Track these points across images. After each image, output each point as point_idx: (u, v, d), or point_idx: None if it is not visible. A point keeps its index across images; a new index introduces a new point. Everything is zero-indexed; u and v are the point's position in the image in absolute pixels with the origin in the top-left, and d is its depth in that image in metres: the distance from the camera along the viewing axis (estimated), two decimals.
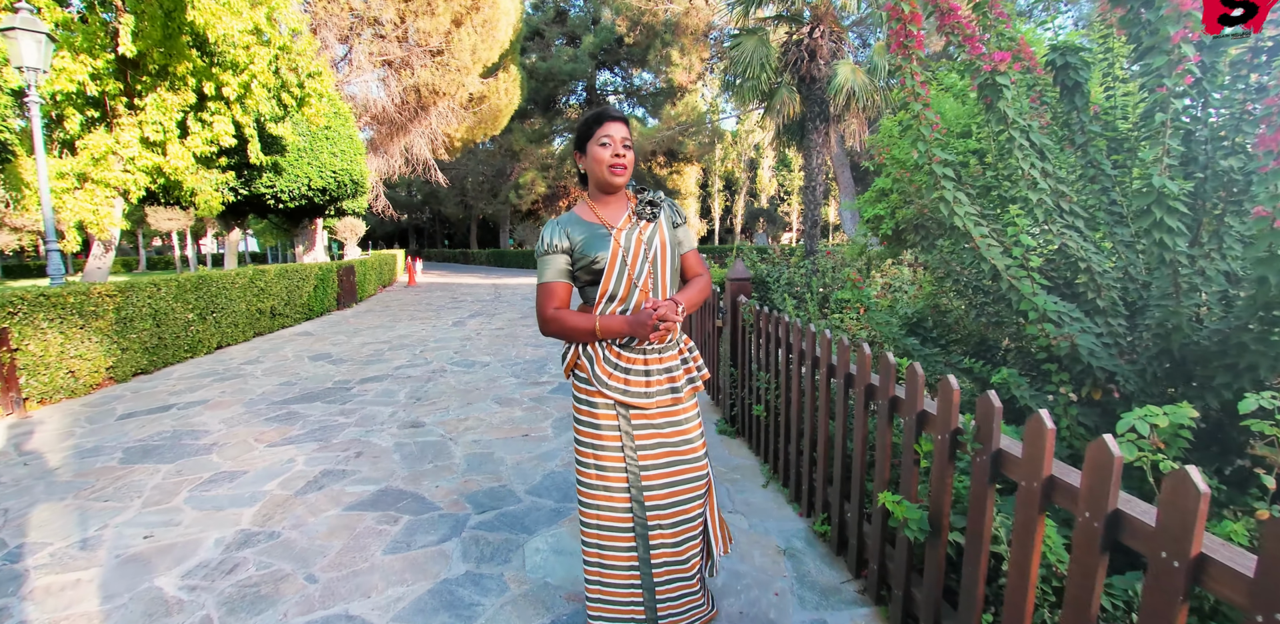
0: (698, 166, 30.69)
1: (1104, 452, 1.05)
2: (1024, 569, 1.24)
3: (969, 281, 2.29)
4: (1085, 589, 1.10)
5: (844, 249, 8.22)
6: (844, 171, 17.29)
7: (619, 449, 1.57)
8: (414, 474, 3.12)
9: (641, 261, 1.56)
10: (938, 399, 1.50)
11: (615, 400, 1.55)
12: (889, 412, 1.77)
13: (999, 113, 1.73)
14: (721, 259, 16.89)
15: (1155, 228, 1.47)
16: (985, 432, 1.34)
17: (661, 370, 1.58)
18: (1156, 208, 1.46)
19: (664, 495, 1.62)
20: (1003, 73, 1.70)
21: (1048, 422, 1.18)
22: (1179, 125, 1.42)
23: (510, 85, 16.54)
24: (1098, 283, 1.86)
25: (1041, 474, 1.19)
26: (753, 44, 8.12)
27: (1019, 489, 1.25)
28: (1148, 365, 1.80)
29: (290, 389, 5.02)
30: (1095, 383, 1.87)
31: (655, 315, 1.45)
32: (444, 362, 6.12)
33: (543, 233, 1.58)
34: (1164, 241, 1.49)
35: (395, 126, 15.10)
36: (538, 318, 1.57)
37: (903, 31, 1.86)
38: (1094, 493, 1.07)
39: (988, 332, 2.83)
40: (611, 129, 1.53)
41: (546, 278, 1.55)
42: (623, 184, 1.59)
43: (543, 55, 25.13)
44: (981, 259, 1.82)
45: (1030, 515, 1.22)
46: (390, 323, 9.32)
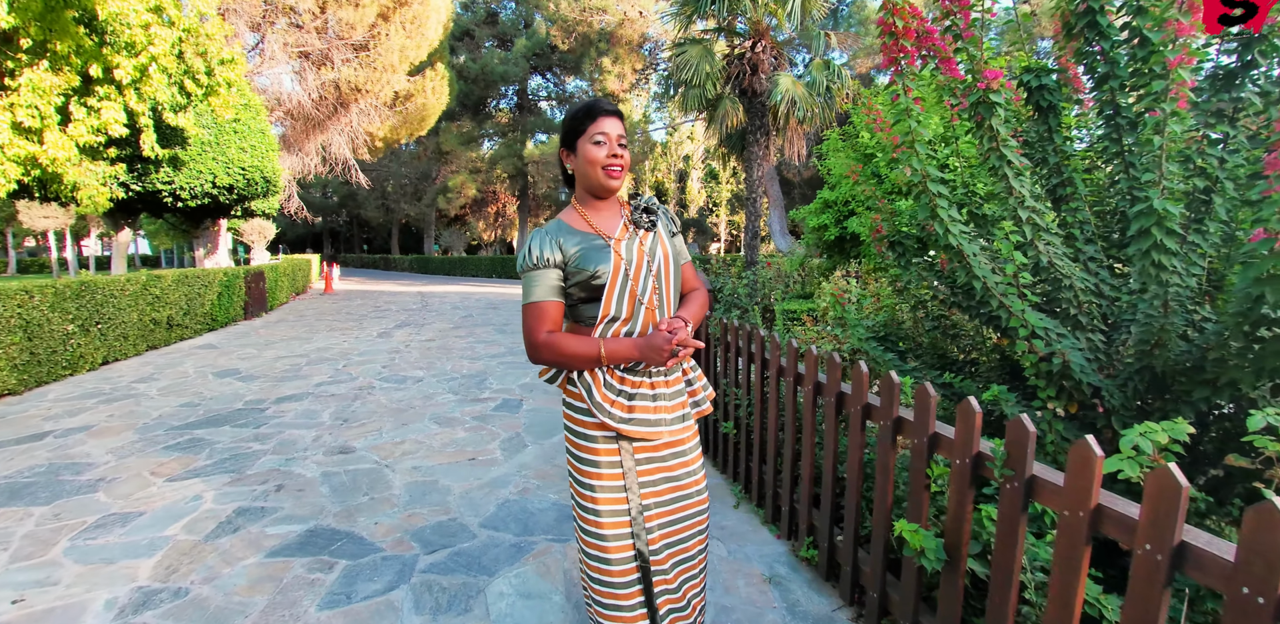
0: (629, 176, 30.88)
1: (1168, 477, 0.99)
2: (1069, 601, 1.17)
3: (945, 298, 2.29)
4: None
5: (781, 260, 8.39)
6: (773, 184, 17.87)
7: (620, 489, 1.39)
8: (348, 509, 2.76)
9: (645, 276, 1.39)
10: (957, 423, 1.43)
11: (619, 432, 1.37)
12: (892, 434, 1.69)
13: (990, 131, 1.71)
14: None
15: (1155, 249, 1.48)
16: (1017, 458, 1.28)
17: (670, 394, 1.42)
18: (1156, 230, 1.47)
19: (663, 536, 1.45)
20: (996, 91, 1.68)
21: (1096, 449, 1.12)
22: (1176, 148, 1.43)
23: (439, 84, 15.85)
24: (1080, 299, 1.88)
25: (1089, 504, 1.13)
26: (697, 53, 8.19)
27: (1061, 519, 1.18)
28: (1129, 380, 1.83)
29: (193, 411, 4.42)
30: (1074, 398, 1.88)
31: (676, 339, 1.29)
32: (371, 377, 5.65)
33: (529, 244, 1.37)
34: (1161, 262, 1.51)
35: (312, 123, 14.05)
36: (527, 344, 1.35)
37: (896, 47, 1.81)
38: (1157, 522, 1.01)
39: (946, 344, 2.88)
40: (606, 125, 1.35)
41: (536, 297, 1.34)
42: (619, 187, 1.42)
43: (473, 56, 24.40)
44: (974, 277, 1.79)
45: (1076, 547, 1.15)
46: (307, 334, 8.58)
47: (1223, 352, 1.64)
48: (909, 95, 1.80)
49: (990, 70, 1.66)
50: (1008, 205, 1.77)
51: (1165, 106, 1.39)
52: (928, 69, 1.92)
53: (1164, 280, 1.54)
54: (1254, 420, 1.36)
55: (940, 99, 1.92)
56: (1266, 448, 1.39)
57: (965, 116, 1.79)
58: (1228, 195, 1.70)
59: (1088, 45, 1.89)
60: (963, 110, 1.77)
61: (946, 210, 1.70)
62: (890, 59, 1.87)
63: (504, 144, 26.75)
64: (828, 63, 8.61)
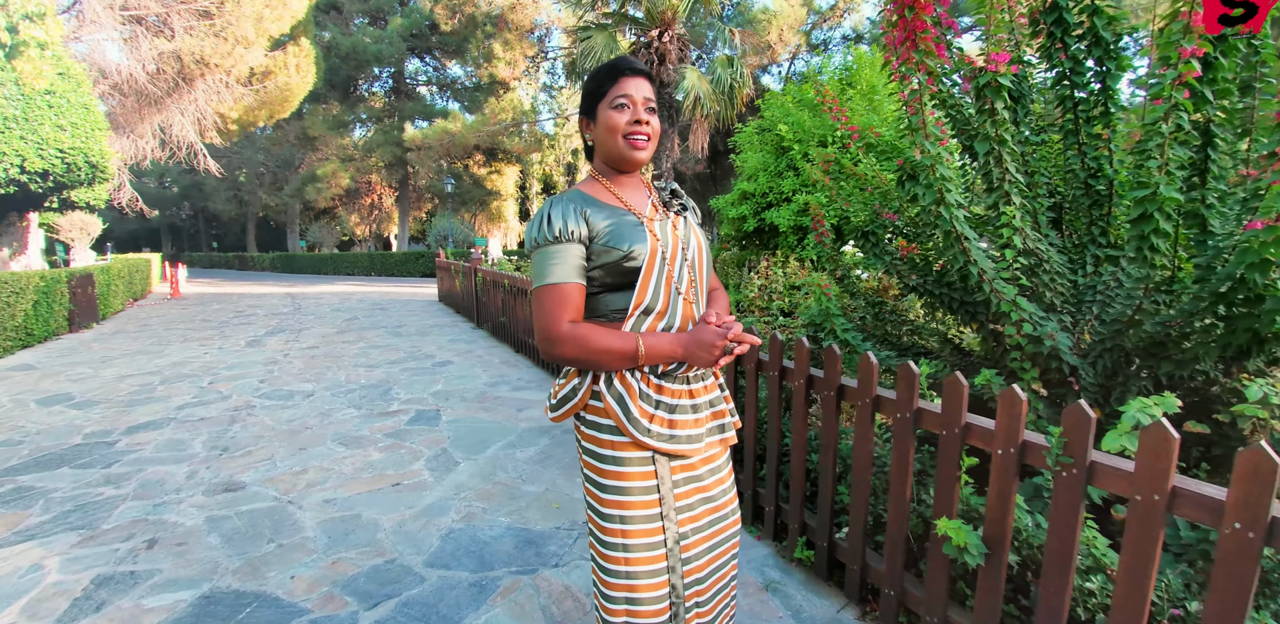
0: (516, 168, 29.82)
1: (1262, 457, 0.96)
2: (1142, 590, 1.13)
3: (917, 285, 2.28)
4: (1234, 609, 1.01)
5: None
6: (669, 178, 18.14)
7: (655, 518, 1.16)
8: (250, 563, 2.26)
9: (680, 264, 1.17)
10: (999, 413, 1.37)
11: (657, 451, 1.14)
12: (912, 426, 1.62)
13: (996, 116, 1.68)
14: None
15: (1155, 234, 1.52)
16: (1077, 444, 1.23)
17: (707, 403, 1.21)
18: (1157, 214, 1.50)
19: (702, 566, 1.25)
20: (1003, 74, 1.64)
21: (1172, 432, 1.08)
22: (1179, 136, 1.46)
23: (303, 62, 14.10)
24: (1055, 283, 1.93)
25: (1165, 486, 1.09)
26: (602, 40, 7.91)
27: (1132, 504, 1.14)
28: (1099, 359, 1.91)
29: (13, 452, 3.49)
30: (1053, 378, 1.94)
31: (731, 334, 1.08)
32: (248, 394, 4.85)
33: (547, 212, 1.11)
34: (1155, 245, 1.55)
35: (147, 100, 11.84)
36: (544, 337, 1.09)
37: (915, 22, 1.70)
38: (1248, 502, 0.98)
39: (888, 329, 2.94)
40: (630, 86, 1.13)
41: (556, 277, 1.08)
42: (646, 160, 1.19)
43: (343, 31, 22.11)
44: (971, 262, 1.76)
45: (1151, 534, 1.12)
46: (156, 347, 7.27)
47: (1188, 329, 1.73)
48: (923, 73, 1.70)
49: (997, 54, 1.62)
50: (1001, 191, 1.75)
51: (1175, 95, 1.41)
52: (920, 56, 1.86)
53: (1155, 262, 1.58)
54: (1252, 391, 1.42)
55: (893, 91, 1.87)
56: (1256, 415, 1.47)
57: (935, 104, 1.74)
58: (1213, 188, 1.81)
59: (1051, 41, 1.92)
60: (965, 93, 1.72)
61: (953, 194, 1.65)
62: (906, 34, 1.77)
63: (380, 130, 24.61)
64: (731, 59, 8.75)
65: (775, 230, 5.63)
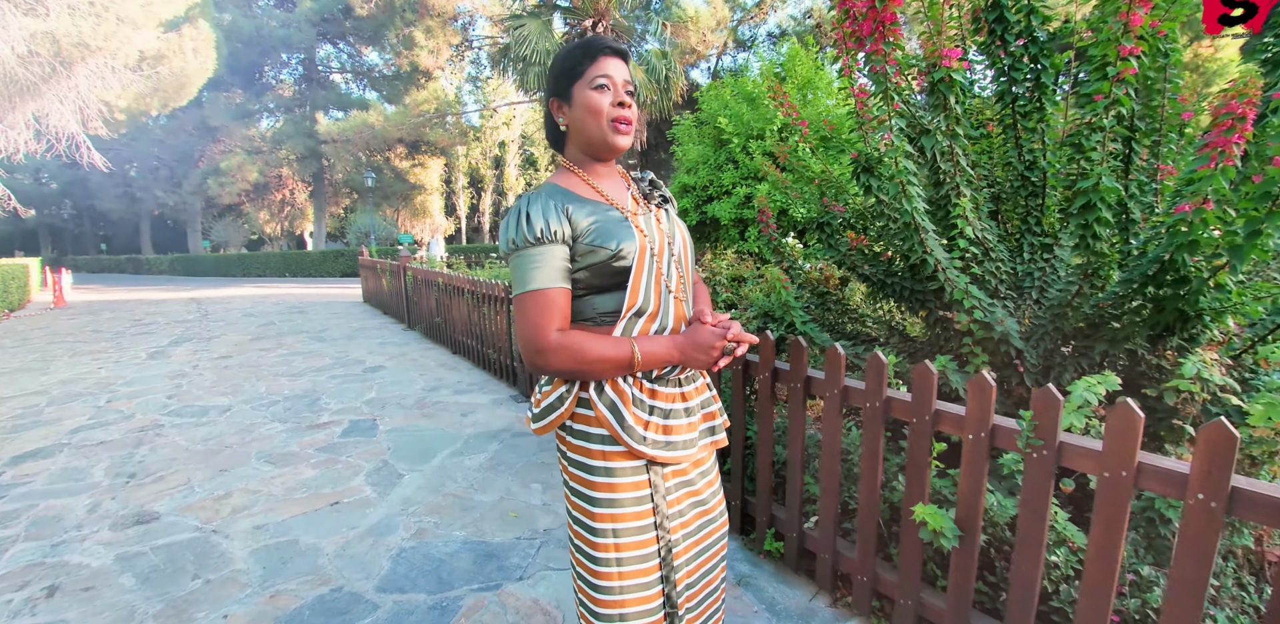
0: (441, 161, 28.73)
1: (1222, 431, 1.01)
2: (1111, 561, 1.18)
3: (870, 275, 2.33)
4: (1199, 576, 1.07)
5: None
6: None
7: (649, 528, 1.10)
8: (174, 604, 2.02)
9: (669, 260, 1.10)
10: (970, 399, 1.40)
11: (650, 459, 1.07)
12: (882, 415, 1.63)
13: (949, 111, 1.71)
14: (479, 259, 16.01)
15: (1097, 222, 1.59)
16: (1047, 427, 1.26)
17: (699, 405, 1.16)
18: (1100, 204, 1.57)
19: (693, 571, 1.20)
20: (956, 70, 1.68)
21: (1138, 412, 1.13)
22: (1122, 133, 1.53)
23: (200, 45, 12.84)
24: (999, 270, 2.01)
25: (1132, 463, 1.14)
26: (536, 29, 7.65)
27: (1101, 481, 1.19)
28: (1040, 341, 2.01)
29: None
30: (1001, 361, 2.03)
31: (731, 334, 1.03)
32: (154, 412, 4.38)
33: (524, 210, 1.01)
34: (1097, 232, 1.63)
35: (19, 87, 10.35)
36: (531, 348, 1.00)
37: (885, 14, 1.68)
38: (1210, 474, 1.04)
39: (834, 318, 3.01)
40: (609, 66, 1.05)
41: (539, 282, 0.99)
42: (628, 146, 1.11)
43: (245, 13, 20.40)
44: (929, 253, 1.80)
45: (1120, 509, 1.16)
46: (41, 363, 6.46)
47: (1119, 311, 1.85)
48: (891, 65, 1.70)
49: (950, 50, 1.65)
50: (953, 184, 1.80)
51: (1115, 90, 1.48)
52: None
53: (1097, 249, 1.67)
54: (1187, 368, 1.52)
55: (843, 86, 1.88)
56: (1189, 390, 1.58)
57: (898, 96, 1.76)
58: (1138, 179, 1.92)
59: (992, 38, 1.98)
60: (905, 94, 1.74)
61: (914, 187, 1.67)
62: (870, 30, 1.77)
63: (290, 121, 22.95)
64: (665, 52, 8.71)
65: (716, 224, 5.68)
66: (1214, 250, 1.45)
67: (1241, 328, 1.74)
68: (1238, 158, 1.25)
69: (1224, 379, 1.48)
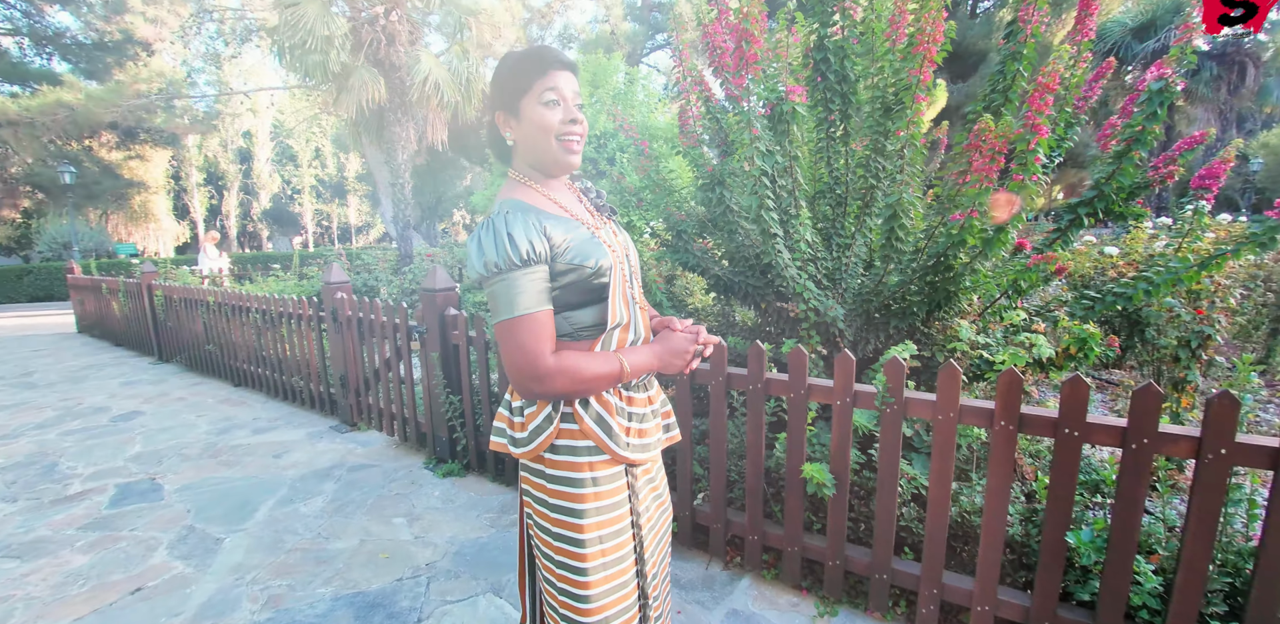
0: (169, 153, 23.44)
1: (1013, 375, 1.44)
2: (946, 485, 1.58)
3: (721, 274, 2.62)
4: (1004, 484, 1.50)
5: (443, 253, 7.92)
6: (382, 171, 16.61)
7: (626, 529, 1.15)
8: None
9: (629, 272, 1.15)
10: (836, 373, 1.71)
11: (629, 463, 1.12)
12: (763, 395, 1.89)
13: (791, 136, 2.02)
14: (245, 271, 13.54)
15: (901, 228, 2.05)
16: (896, 388, 1.62)
17: (661, 405, 1.23)
18: (901, 213, 2.03)
19: (657, 560, 1.29)
20: (798, 102, 1.99)
21: (959, 369, 1.52)
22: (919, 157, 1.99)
23: None
24: (824, 268, 2.44)
25: (956, 406, 1.54)
26: (315, 10, 6.58)
27: (936, 423, 1.57)
28: (852, 321, 2.50)
29: None
30: (829, 340, 2.48)
31: (702, 339, 1.12)
32: None
33: (507, 232, 0.97)
34: (899, 235, 2.09)
35: None
36: (528, 374, 0.97)
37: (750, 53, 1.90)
38: (1007, 407, 1.46)
39: (675, 312, 3.33)
40: (559, 80, 1.05)
41: (528, 306, 0.97)
42: (579, 163, 1.13)
43: None
44: (778, 255, 2.12)
45: (949, 442, 1.56)
46: None
47: (906, 294, 2.39)
48: (755, 96, 1.93)
49: (793, 86, 1.95)
50: (793, 198, 2.13)
51: (914, 130, 1.92)
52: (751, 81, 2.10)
53: (897, 247, 2.14)
54: (964, 332, 2.05)
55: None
56: (963, 350, 2.13)
57: (763, 124, 2.04)
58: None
59: (815, 73, 2.37)
60: (764, 118, 2.02)
61: (770, 200, 1.95)
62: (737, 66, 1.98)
63: None
64: (466, 50, 8.25)
65: None
66: (971, 246, 1.99)
67: (982, 302, 2.39)
68: (995, 181, 1.75)
69: (983, 339, 2.05)
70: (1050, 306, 2.44)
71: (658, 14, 20.41)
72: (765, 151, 1.91)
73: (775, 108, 1.97)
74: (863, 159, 2.37)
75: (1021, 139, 1.68)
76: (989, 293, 2.14)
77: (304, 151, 36.62)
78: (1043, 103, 1.63)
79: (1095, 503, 1.93)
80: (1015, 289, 2.20)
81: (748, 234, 2.33)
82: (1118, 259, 3.32)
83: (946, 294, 2.18)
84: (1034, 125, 1.65)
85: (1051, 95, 1.65)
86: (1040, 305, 2.54)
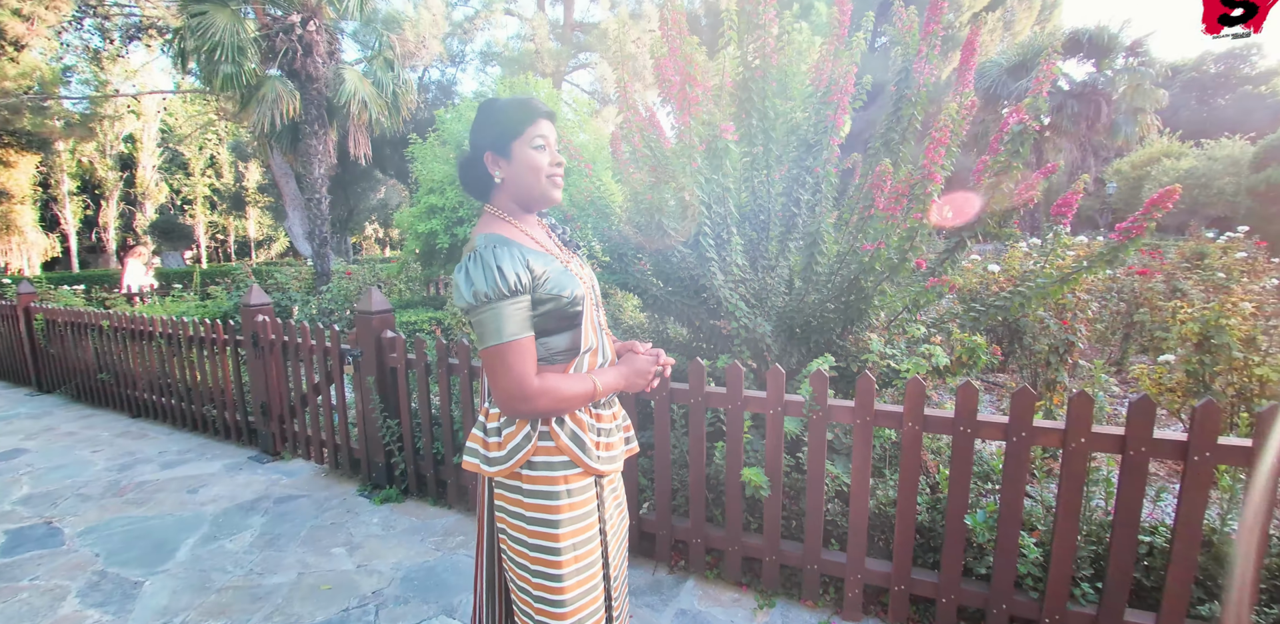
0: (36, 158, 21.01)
1: (919, 384, 1.68)
2: (866, 480, 1.79)
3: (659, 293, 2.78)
4: (913, 477, 1.73)
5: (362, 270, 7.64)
6: (288, 181, 15.78)
7: (595, 537, 1.25)
8: None
9: (596, 302, 1.27)
10: (769, 386, 1.90)
11: (599, 474, 1.23)
12: (703, 408, 2.05)
13: (724, 169, 2.22)
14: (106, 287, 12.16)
15: (820, 255, 2.29)
16: (820, 396, 1.82)
17: (622, 420, 1.35)
18: (820, 241, 2.27)
19: (618, 562, 1.39)
20: (731, 139, 2.19)
21: (873, 379, 1.74)
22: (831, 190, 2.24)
23: None
24: (752, 288, 2.66)
25: (872, 411, 1.76)
26: (225, 19, 6.17)
27: (855, 427, 1.78)
28: (777, 337, 2.73)
29: None
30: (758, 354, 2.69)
31: (661, 360, 1.25)
32: None
33: (492, 264, 1.06)
34: (818, 260, 2.34)
35: None
36: (515, 395, 1.07)
37: (692, 96, 2.08)
38: (914, 410, 1.70)
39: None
40: (545, 127, 1.18)
41: (514, 333, 1.06)
42: (561, 198, 1.24)
43: None
44: (713, 276, 2.31)
45: (868, 443, 1.77)
46: None
47: (824, 312, 2.65)
48: (696, 134, 2.10)
49: (725, 125, 2.15)
50: (727, 225, 2.33)
51: (829, 168, 2.16)
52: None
53: (816, 271, 2.38)
54: (875, 344, 2.31)
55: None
56: (873, 360, 2.39)
57: (702, 157, 2.23)
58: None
59: (741, 110, 2.60)
60: (702, 152, 2.21)
61: (707, 225, 2.13)
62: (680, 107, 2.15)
63: None
64: (390, 63, 8.01)
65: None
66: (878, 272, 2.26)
67: (888, 317, 2.69)
68: (900, 218, 2.01)
69: (890, 350, 2.32)
70: (944, 319, 2.78)
71: (580, 34, 20.77)
72: (704, 182, 2.09)
73: (710, 144, 2.17)
74: (783, 189, 2.62)
75: (920, 184, 1.96)
76: (894, 309, 2.42)
77: (197, 159, 33.92)
78: (936, 154, 1.91)
79: (987, 490, 2.22)
80: (915, 305, 2.50)
81: (683, 257, 2.51)
82: (999, 275, 3.79)
83: (859, 311, 2.44)
84: (930, 174, 1.92)
85: (944, 147, 1.94)
86: (936, 318, 2.88)
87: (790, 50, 2.55)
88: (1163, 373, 3.26)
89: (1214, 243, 5.99)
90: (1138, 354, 5.13)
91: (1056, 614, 1.69)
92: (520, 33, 19.83)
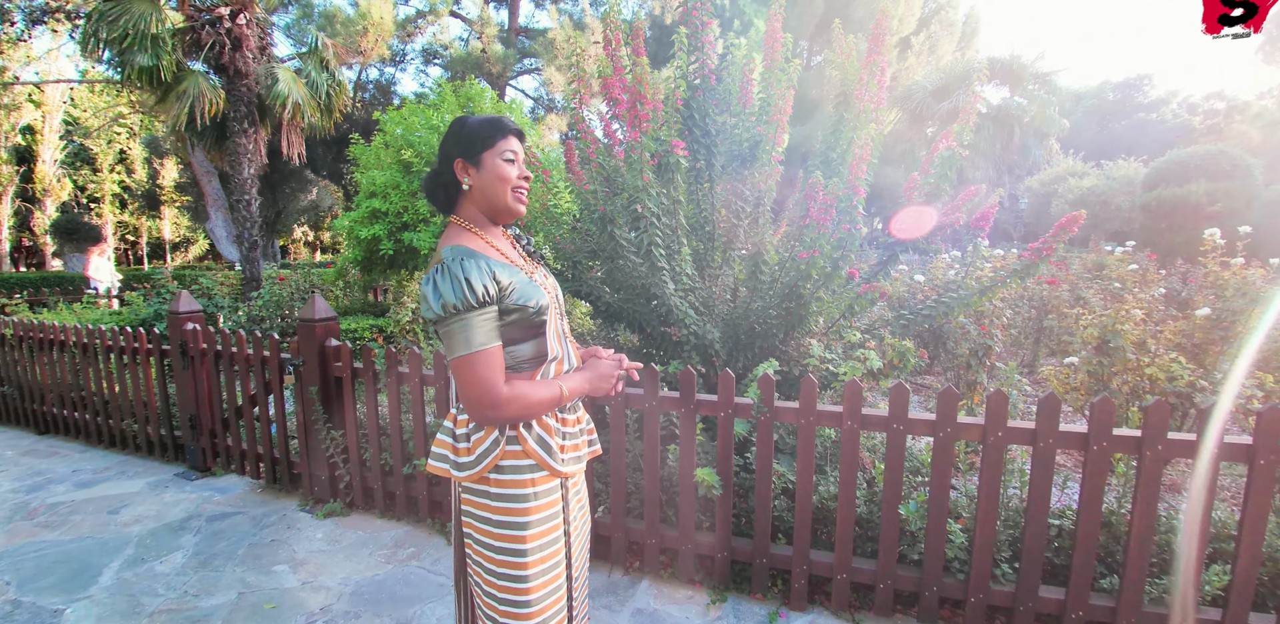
0: None
1: (855, 385, 1.81)
2: (810, 480, 1.91)
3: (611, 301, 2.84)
4: (851, 475, 1.86)
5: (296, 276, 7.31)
6: (211, 181, 14.94)
7: (559, 538, 1.29)
8: None
9: (560, 311, 1.32)
10: (720, 389, 1.99)
11: (564, 477, 1.27)
12: (658, 411, 2.12)
13: (674, 183, 2.31)
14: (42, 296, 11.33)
15: (763, 264, 2.42)
16: (768, 399, 1.93)
17: (586, 423, 1.40)
18: (763, 250, 2.40)
19: (579, 563, 1.44)
20: (681, 155, 2.28)
21: (816, 383, 1.87)
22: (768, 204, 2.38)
23: None
24: (700, 297, 2.77)
25: (815, 412, 1.88)
26: (142, 6, 5.74)
27: (800, 427, 1.90)
28: (725, 342, 2.85)
29: None
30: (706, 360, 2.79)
31: (625, 365, 1.30)
32: None
33: (464, 277, 1.09)
34: (761, 269, 2.46)
35: None
36: (486, 402, 1.09)
37: (643, 113, 2.16)
38: (852, 410, 1.83)
39: None
40: (514, 143, 1.23)
41: (483, 342, 1.09)
42: (524, 212, 1.28)
43: None
44: (664, 284, 2.40)
45: (811, 443, 1.90)
46: None
47: (767, 318, 2.79)
48: (646, 148, 2.18)
49: (676, 141, 2.24)
50: (677, 237, 2.43)
51: (770, 182, 2.29)
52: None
53: (760, 279, 2.51)
54: (815, 349, 2.46)
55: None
56: (813, 364, 2.54)
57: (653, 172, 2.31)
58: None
59: (687, 127, 2.70)
60: (653, 166, 2.29)
61: (659, 237, 2.22)
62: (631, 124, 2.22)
63: None
64: (325, 62, 7.68)
65: (415, 252, 5.49)
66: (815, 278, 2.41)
67: (826, 323, 2.86)
68: (831, 228, 2.16)
69: (829, 354, 2.47)
70: (877, 325, 2.98)
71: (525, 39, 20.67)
72: (655, 195, 2.18)
73: (661, 159, 2.26)
74: (725, 201, 2.75)
75: (846, 197, 2.12)
76: (831, 315, 2.59)
77: (105, 154, 31.43)
78: (859, 169, 2.08)
79: (918, 482, 2.40)
80: (851, 311, 2.68)
81: (635, 266, 2.59)
82: (925, 284, 4.07)
83: (800, 317, 2.59)
84: (855, 187, 2.08)
85: (866, 164, 2.11)
86: (869, 324, 3.08)
87: (734, 69, 2.69)
88: (1068, 373, 3.60)
89: (1112, 255, 6.63)
90: (1047, 356, 5.60)
91: (981, 593, 1.86)
92: (463, 34, 19.55)
